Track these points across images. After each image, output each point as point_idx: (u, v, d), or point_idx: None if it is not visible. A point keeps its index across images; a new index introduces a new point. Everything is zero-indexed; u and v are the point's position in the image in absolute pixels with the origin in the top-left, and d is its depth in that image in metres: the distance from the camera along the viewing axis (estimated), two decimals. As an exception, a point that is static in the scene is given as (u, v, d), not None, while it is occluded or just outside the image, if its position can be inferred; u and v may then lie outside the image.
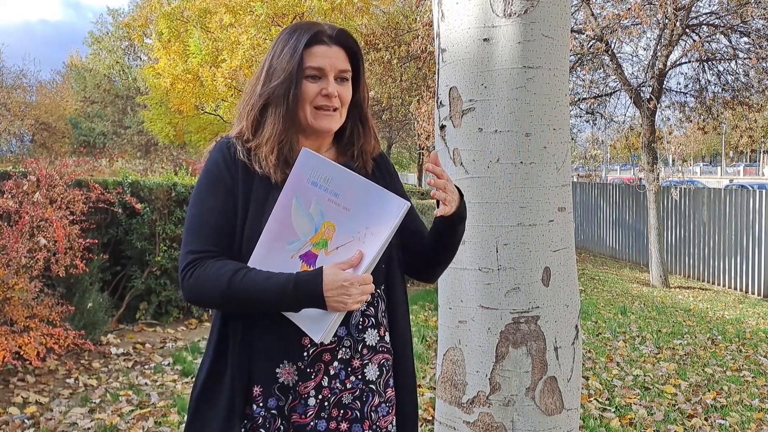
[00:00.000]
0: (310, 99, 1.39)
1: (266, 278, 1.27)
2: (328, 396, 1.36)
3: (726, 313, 7.78)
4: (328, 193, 1.30)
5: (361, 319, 1.40)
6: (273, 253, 1.31)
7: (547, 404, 1.97)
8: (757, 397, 4.36)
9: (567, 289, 2.03)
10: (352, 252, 1.28)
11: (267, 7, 11.21)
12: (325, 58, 1.39)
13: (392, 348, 1.47)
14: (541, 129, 1.96)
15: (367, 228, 1.28)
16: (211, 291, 1.28)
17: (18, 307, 4.01)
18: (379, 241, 1.27)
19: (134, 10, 27.08)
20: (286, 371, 1.34)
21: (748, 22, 9.28)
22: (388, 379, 1.45)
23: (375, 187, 1.29)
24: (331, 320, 1.27)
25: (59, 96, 31.44)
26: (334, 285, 1.24)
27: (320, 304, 1.25)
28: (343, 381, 1.38)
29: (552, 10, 1.96)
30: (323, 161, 1.31)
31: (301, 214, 1.31)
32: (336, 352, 1.37)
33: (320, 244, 1.30)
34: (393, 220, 1.27)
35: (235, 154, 1.38)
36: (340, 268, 1.26)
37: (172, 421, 3.69)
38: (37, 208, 4.35)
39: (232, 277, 1.27)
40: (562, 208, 2.03)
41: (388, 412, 1.45)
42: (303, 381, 1.34)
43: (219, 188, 1.36)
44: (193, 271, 1.30)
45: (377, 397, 1.42)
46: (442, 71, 2.09)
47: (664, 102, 10.62)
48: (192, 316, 6.29)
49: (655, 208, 10.06)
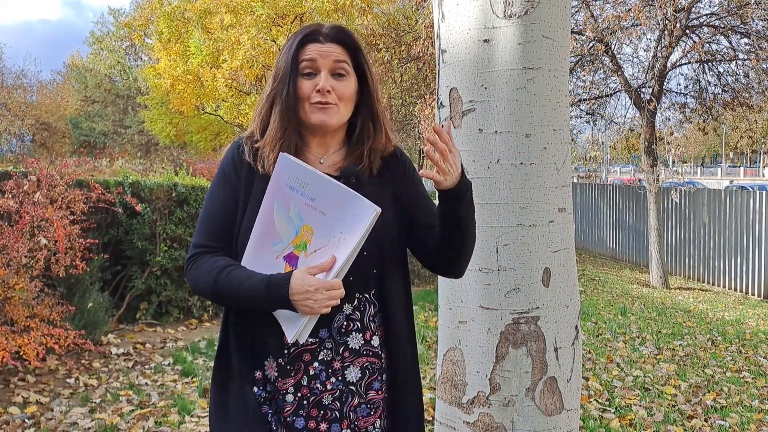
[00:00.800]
0: (306, 96, 1.41)
1: (246, 278, 1.33)
2: (307, 395, 1.40)
3: (726, 314, 7.78)
4: (305, 197, 1.33)
5: (345, 323, 1.42)
6: (261, 252, 1.36)
7: (547, 405, 1.97)
8: (756, 398, 4.36)
9: (567, 289, 2.04)
10: (327, 256, 1.31)
11: (268, 8, 11.21)
12: (317, 53, 1.41)
13: (384, 352, 1.47)
14: (541, 130, 1.96)
15: (340, 233, 1.31)
16: (204, 285, 1.37)
17: (18, 307, 4.01)
18: (349, 246, 1.29)
19: (135, 10, 27.10)
20: (270, 365, 1.41)
21: (749, 23, 9.28)
22: (371, 381, 1.45)
23: (349, 192, 1.31)
24: (302, 322, 1.32)
25: (60, 96, 31.43)
26: (300, 289, 1.28)
27: (288, 307, 1.30)
28: (323, 382, 1.41)
29: (552, 11, 1.96)
30: (299, 166, 1.33)
31: (281, 217, 1.35)
32: (317, 353, 1.40)
33: (300, 247, 1.34)
34: (363, 226, 1.28)
35: (242, 154, 1.44)
36: (311, 273, 1.29)
37: (172, 421, 3.69)
38: (37, 208, 4.35)
39: (218, 274, 1.34)
40: (563, 209, 2.03)
41: (370, 413, 1.45)
42: (282, 377, 1.40)
43: (226, 187, 1.44)
44: (194, 263, 1.40)
45: (357, 398, 1.44)
46: (443, 72, 2.10)
47: (664, 103, 10.62)
48: (192, 316, 6.29)
49: (655, 209, 10.06)
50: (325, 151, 1.48)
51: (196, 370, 4.67)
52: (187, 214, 6.15)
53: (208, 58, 12.47)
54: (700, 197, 10.88)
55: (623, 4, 9.49)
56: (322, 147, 1.48)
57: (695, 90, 10.68)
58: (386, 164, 1.51)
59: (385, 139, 1.50)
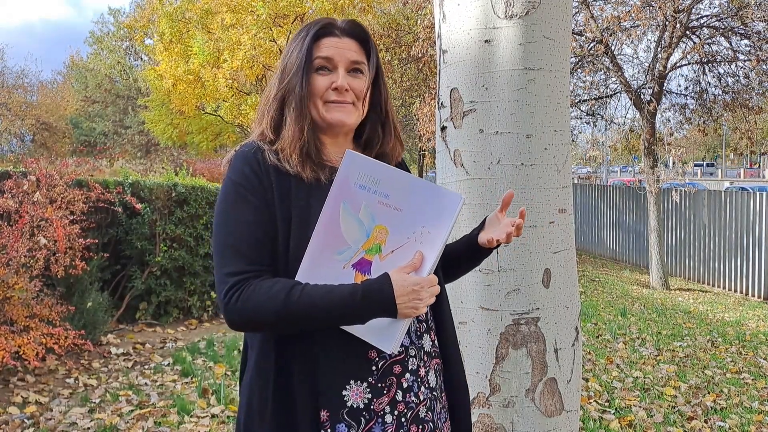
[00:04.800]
0: (320, 93, 1.31)
1: (327, 292, 1.17)
2: (404, 411, 1.26)
3: (726, 315, 7.78)
4: (377, 195, 1.22)
5: (417, 325, 1.33)
6: (322, 265, 1.22)
7: (546, 406, 1.97)
8: (756, 400, 4.36)
9: (567, 290, 2.03)
10: (408, 254, 1.21)
11: (268, 8, 11.21)
12: (334, 48, 1.32)
13: (441, 351, 1.40)
14: (542, 130, 1.96)
15: (422, 227, 1.22)
16: (265, 313, 1.17)
17: (18, 307, 4.01)
18: (439, 240, 1.21)
19: (135, 11, 27.09)
20: (355, 392, 1.23)
21: (749, 25, 9.29)
22: (441, 383, 1.38)
23: (427, 184, 1.22)
24: (400, 328, 1.20)
25: (60, 96, 31.42)
26: (405, 290, 1.16)
27: (392, 312, 1.17)
28: (416, 393, 1.29)
29: (553, 12, 1.96)
30: (370, 162, 1.24)
31: (350, 221, 1.23)
32: (406, 363, 1.28)
33: (373, 250, 1.23)
34: (451, 216, 1.20)
35: (263, 159, 1.27)
36: (404, 272, 1.18)
37: (171, 422, 3.69)
38: (37, 208, 4.35)
39: (288, 295, 1.16)
40: (563, 210, 2.03)
41: (447, 418, 1.38)
42: (377, 397, 1.23)
43: (250, 199, 1.24)
44: (239, 294, 1.18)
45: (438, 403, 1.35)
46: (444, 72, 2.09)
47: (664, 104, 10.63)
48: (192, 316, 6.29)
49: (655, 210, 10.06)
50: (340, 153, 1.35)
51: (195, 370, 4.67)
52: (186, 215, 6.14)
53: (209, 58, 12.47)
54: (700, 198, 10.88)
55: (623, 4, 9.49)
56: (336, 148, 1.37)
57: (695, 91, 10.68)
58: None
59: (395, 142, 1.42)
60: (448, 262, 1.45)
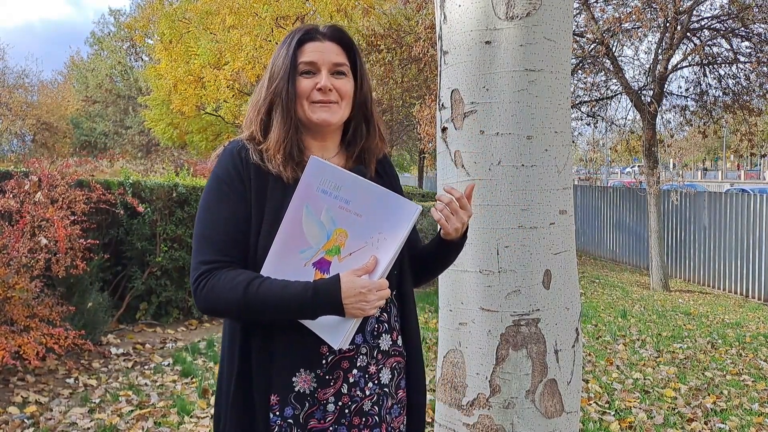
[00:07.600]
0: (305, 94, 1.39)
1: (283, 287, 1.27)
2: (348, 403, 1.36)
3: (726, 316, 7.77)
4: (338, 200, 1.30)
5: (376, 326, 1.42)
6: (285, 261, 1.31)
7: (547, 407, 1.97)
8: (756, 402, 4.35)
9: (567, 292, 2.04)
10: (365, 258, 1.29)
11: (270, 9, 11.23)
12: (317, 52, 1.40)
13: (405, 350, 1.49)
14: (542, 132, 1.96)
15: (379, 233, 1.29)
16: (226, 301, 1.28)
17: (18, 307, 4.01)
18: (393, 246, 1.28)
19: (136, 11, 27.12)
20: (302, 379, 1.34)
21: (749, 27, 9.29)
22: (399, 380, 1.48)
23: (387, 192, 1.30)
24: (348, 327, 1.28)
25: (61, 96, 31.45)
26: (352, 292, 1.24)
27: (339, 311, 1.25)
28: (362, 388, 1.38)
29: (554, 13, 1.96)
30: (332, 169, 1.31)
31: (312, 223, 1.31)
32: (354, 360, 1.37)
33: (333, 251, 1.31)
34: (406, 225, 1.28)
35: (246, 157, 1.37)
36: (356, 275, 1.26)
37: (171, 422, 3.69)
38: (38, 208, 4.35)
39: (247, 287, 1.26)
40: (563, 211, 2.03)
41: (400, 413, 1.48)
42: (322, 388, 1.34)
43: (230, 195, 1.34)
44: (206, 281, 1.29)
45: (390, 399, 1.45)
46: (444, 73, 2.10)
47: (664, 105, 10.63)
48: (192, 316, 6.29)
49: (655, 211, 10.06)
50: (326, 153, 1.46)
51: (195, 370, 4.67)
52: (187, 215, 6.14)
53: (210, 59, 12.48)
54: (700, 200, 10.88)
55: (624, 6, 9.50)
56: (322, 149, 1.45)
57: (696, 93, 10.69)
58: (382, 166, 1.55)
59: (378, 140, 1.50)
60: (422, 262, 1.55)
